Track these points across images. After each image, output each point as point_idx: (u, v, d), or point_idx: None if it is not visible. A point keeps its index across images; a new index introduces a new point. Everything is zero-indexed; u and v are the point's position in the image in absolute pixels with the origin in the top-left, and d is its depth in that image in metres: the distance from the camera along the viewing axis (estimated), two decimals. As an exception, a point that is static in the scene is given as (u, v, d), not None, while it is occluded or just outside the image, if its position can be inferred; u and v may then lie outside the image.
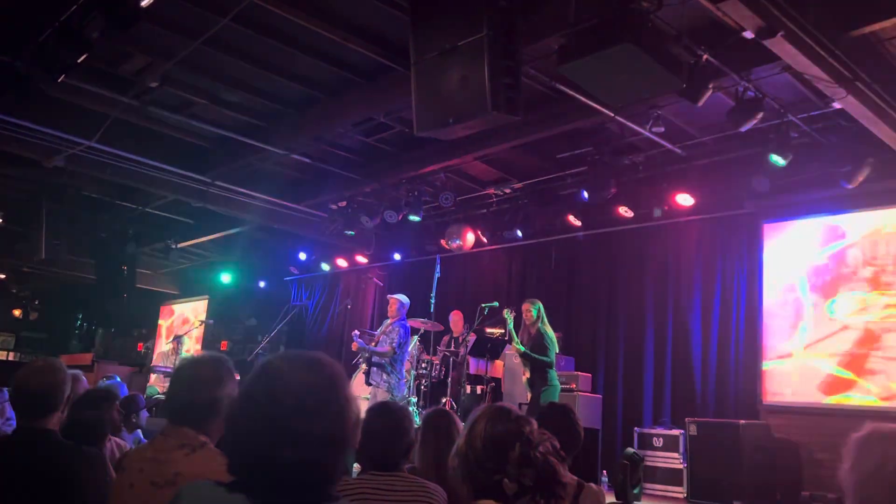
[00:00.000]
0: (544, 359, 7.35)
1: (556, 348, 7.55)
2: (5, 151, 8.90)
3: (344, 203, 10.37)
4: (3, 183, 11.04)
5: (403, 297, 8.66)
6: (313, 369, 1.49)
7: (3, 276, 17.01)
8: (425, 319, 9.39)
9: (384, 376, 8.22)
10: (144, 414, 5.54)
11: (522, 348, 7.45)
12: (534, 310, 7.57)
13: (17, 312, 18.21)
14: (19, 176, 10.42)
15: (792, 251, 8.36)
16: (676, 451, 7.94)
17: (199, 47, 6.83)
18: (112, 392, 4.71)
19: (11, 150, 8.85)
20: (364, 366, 8.54)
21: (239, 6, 6.02)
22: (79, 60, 5.93)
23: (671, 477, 7.93)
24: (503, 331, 9.09)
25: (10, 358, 18.06)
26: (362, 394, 8.51)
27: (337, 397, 1.47)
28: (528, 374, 7.56)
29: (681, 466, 7.86)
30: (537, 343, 7.44)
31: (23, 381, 2.71)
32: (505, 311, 7.88)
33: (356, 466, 3.63)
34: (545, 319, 7.58)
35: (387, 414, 2.99)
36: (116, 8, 5.37)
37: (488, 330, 9.15)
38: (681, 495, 7.76)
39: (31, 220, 10.64)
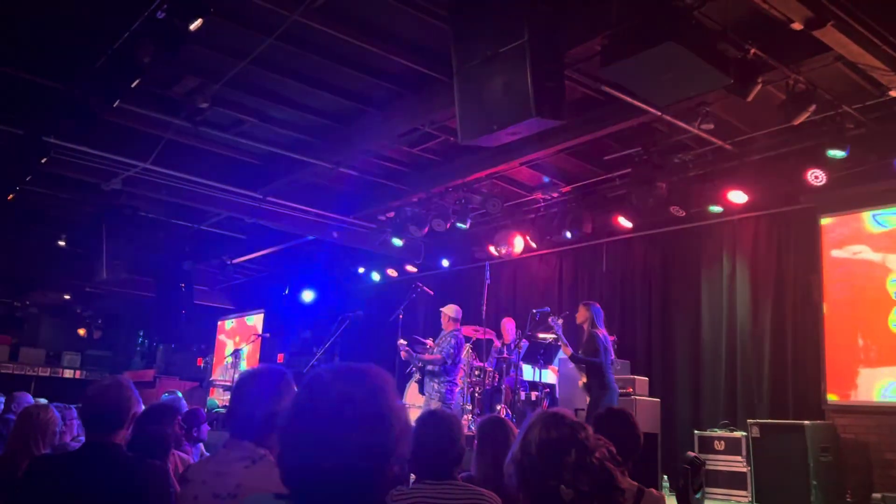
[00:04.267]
0: (592, 360, 7.33)
1: (609, 351, 7.51)
2: (66, 176, 9.23)
3: (392, 214, 10.45)
4: (65, 207, 11.45)
5: (454, 309, 8.71)
6: (356, 379, 1.51)
7: (67, 297, 17.59)
8: (477, 327, 9.39)
9: (435, 386, 8.27)
10: (206, 427, 5.66)
11: (571, 351, 7.50)
12: (586, 312, 7.60)
13: (81, 332, 18.79)
14: (79, 199, 10.79)
15: (852, 245, 8.11)
16: (739, 453, 7.76)
17: (246, 67, 6.99)
18: (173, 406, 4.84)
19: (71, 175, 9.17)
20: (417, 375, 8.60)
21: (283, 25, 6.15)
22: (132, 85, 6.13)
23: (734, 480, 7.75)
24: (555, 336, 9.03)
25: (77, 376, 18.64)
26: (416, 402, 8.55)
27: (378, 406, 1.49)
28: (584, 379, 7.54)
29: (744, 469, 7.68)
30: (587, 346, 7.46)
31: (91, 398, 2.81)
32: (550, 318, 7.86)
33: (412, 476, 3.65)
34: (595, 322, 7.53)
35: (435, 422, 3.00)
36: (166, 32, 5.54)
37: (540, 335, 9.09)
38: (745, 499, 7.57)
39: (92, 242, 10.98)
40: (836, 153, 6.95)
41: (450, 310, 8.75)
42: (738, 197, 8.23)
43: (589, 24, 5.66)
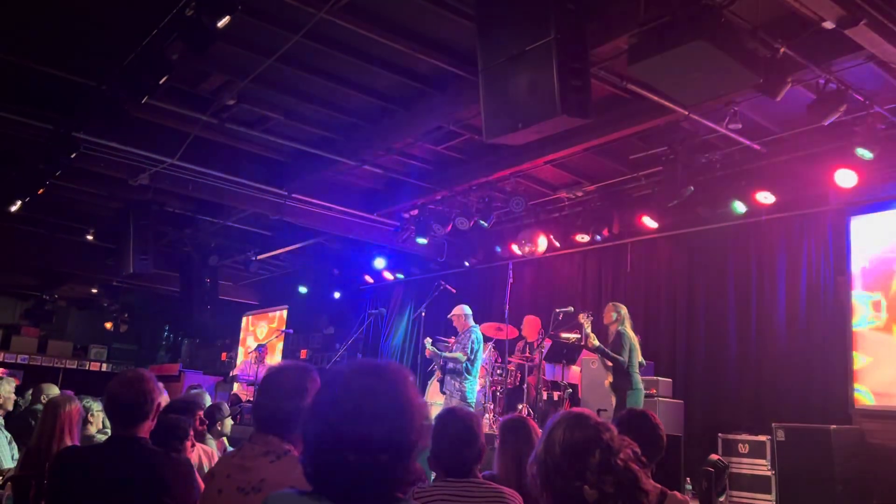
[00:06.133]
0: (618, 357, 7.29)
1: (637, 351, 7.46)
2: (94, 171, 9.34)
3: (416, 211, 10.46)
4: (93, 202, 11.60)
5: (464, 308, 8.72)
6: (376, 376, 1.52)
7: (94, 291, 17.83)
8: (500, 325, 9.37)
9: (456, 384, 8.27)
10: (229, 422, 5.71)
11: (597, 343, 7.40)
12: (613, 312, 7.61)
13: (108, 325, 19.06)
14: (107, 195, 10.93)
15: (882, 246, 7.98)
16: (763, 457, 7.67)
17: (273, 64, 7.02)
18: (194, 402, 4.87)
19: (100, 170, 9.27)
20: (439, 373, 8.61)
21: (310, 23, 6.17)
22: (160, 82, 6.20)
23: (758, 484, 7.66)
24: (579, 335, 8.98)
25: (103, 369, 18.91)
26: (437, 401, 8.57)
27: (397, 402, 1.50)
28: (611, 379, 7.50)
29: (768, 473, 7.59)
30: (615, 344, 7.43)
31: (114, 392, 2.84)
32: (581, 315, 7.82)
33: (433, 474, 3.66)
34: (625, 322, 7.55)
35: (455, 420, 2.99)
36: (194, 30, 5.58)
37: (563, 335, 9.05)
38: (769, 503, 7.49)
39: (120, 237, 11.11)
40: (865, 153, 6.85)
41: (460, 310, 8.77)
42: (765, 197, 8.14)
43: (616, 21, 5.63)
